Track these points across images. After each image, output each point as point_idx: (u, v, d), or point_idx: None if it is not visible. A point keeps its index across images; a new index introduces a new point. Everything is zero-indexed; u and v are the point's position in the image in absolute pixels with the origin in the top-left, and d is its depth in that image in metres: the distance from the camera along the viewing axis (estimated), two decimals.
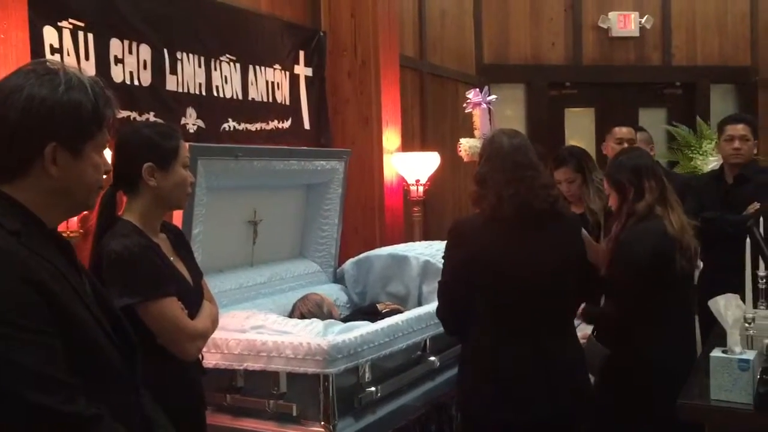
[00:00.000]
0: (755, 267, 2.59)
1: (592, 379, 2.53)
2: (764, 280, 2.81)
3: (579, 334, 2.50)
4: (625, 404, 2.58)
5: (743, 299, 2.76)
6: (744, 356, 2.12)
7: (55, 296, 1.18)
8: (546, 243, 2.24)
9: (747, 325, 2.32)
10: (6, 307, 1.12)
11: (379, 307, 3.31)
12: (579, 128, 6.97)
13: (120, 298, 1.84)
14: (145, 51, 3.17)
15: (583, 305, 2.78)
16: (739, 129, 3.73)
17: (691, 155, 6.26)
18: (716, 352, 2.18)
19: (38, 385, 1.12)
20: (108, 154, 2.04)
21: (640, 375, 2.57)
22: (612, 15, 6.69)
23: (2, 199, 1.23)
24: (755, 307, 2.78)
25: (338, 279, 3.71)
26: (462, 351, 2.39)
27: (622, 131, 4.11)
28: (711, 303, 2.24)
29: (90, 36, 2.92)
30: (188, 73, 3.40)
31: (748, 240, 2.48)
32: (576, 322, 2.46)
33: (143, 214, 2.00)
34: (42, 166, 1.24)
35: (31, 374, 1.12)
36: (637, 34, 6.74)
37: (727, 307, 2.18)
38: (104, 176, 1.36)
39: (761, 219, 3.05)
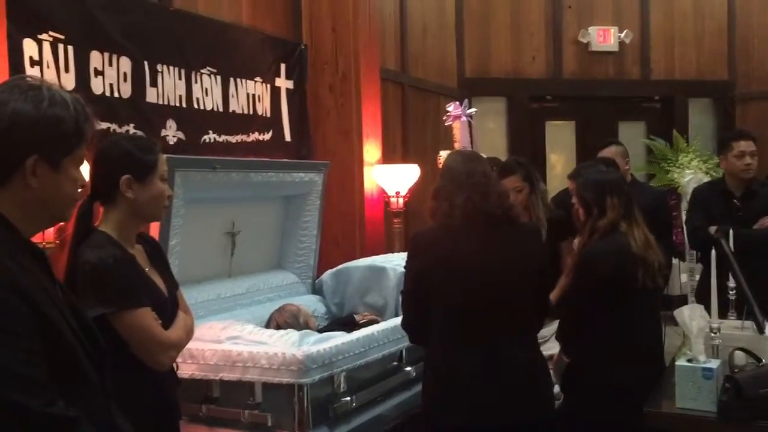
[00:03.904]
0: (722, 277, 2.65)
1: (555, 390, 2.57)
2: (733, 291, 2.89)
3: (547, 353, 2.53)
4: (587, 414, 2.62)
5: (726, 306, 2.82)
6: (708, 365, 2.17)
7: (37, 304, 1.22)
8: (502, 249, 2.27)
9: (713, 334, 2.38)
10: None
11: (357, 317, 3.33)
12: (559, 141, 7.06)
13: (94, 308, 1.86)
14: (125, 63, 3.20)
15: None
16: (750, 145, 3.75)
17: (668, 168, 6.35)
18: (681, 361, 2.23)
19: (22, 388, 1.16)
20: (86, 165, 2.08)
21: (600, 385, 2.60)
22: (592, 30, 6.80)
23: None
24: (725, 317, 2.85)
25: (317, 290, 3.73)
26: (424, 360, 2.43)
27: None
28: (676, 313, 2.29)
29: (70, 48, 2.94)
30: (168, 86, 3.43)
31: (713, 252, 2.53)
32: (539, 339, 2.49)
33: (119, 226, 2.02)
34: (22, 178, 1.28)
35: (16, 377, 1.16)
36: (616, 48, 6.85)
37: (691, 317, 2.23)
38: (80, 190, 1.40)
39: (731, 232, 3.12)
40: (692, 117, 7.01)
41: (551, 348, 3.00)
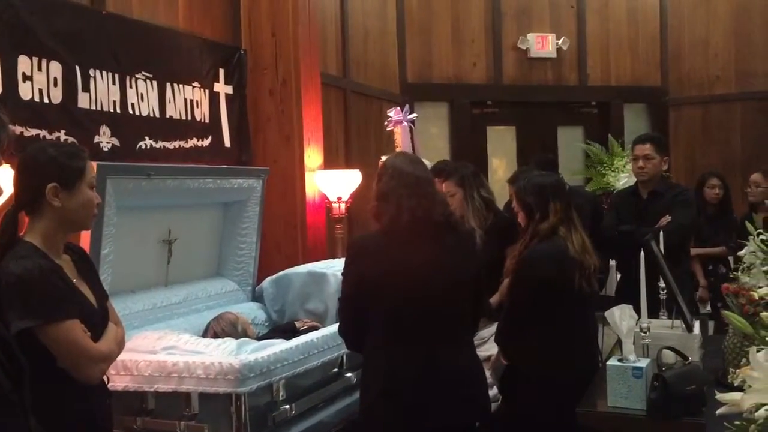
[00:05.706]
0: (652, 278, 2.72)
1: (494, 392, 2.60)
2: (663, 291, 2.98)
3: (485, 354, 2.55)
4: (525, 415, 2.66)
5: (657, 306, 2.91)
6: (638, 364, 2.23)
7: None
8: (443, 256, 2.29)
9: (643, 334, 2.44)
10: None
11: (297, 324, 3.31)
12: (501, 146, 7.16)
13: (20, 321, 1.81)
14: (56, 68, 3.11)
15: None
16: (644, 149, 3.90)
17: (603, 172, 6.52)
18: (612, 361, 2.29)
19: None
20: (11, 173, 2.02)
21: (537, 387, 2.65)
22: (530, 36, 6.92)
23: None
24: (656, 316, 2.94)
25: (257, 297, 3.69)
26: (362, 363, 2.43)
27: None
28: (607, 314, 2.35)
29: None
30: (102, 91, 3.34)
31: (642, 253, 2.60)
32: (478, 340, 2.52)
33: (46, 235, 1.96)
34: None
35: None
36: (554, 55, 6.99)
37: (621, 317, 2.29)
38: None
39: (661, 233, 3.23)
40: (627, 122, 7.19)
41: (489, 349, 3.04)
